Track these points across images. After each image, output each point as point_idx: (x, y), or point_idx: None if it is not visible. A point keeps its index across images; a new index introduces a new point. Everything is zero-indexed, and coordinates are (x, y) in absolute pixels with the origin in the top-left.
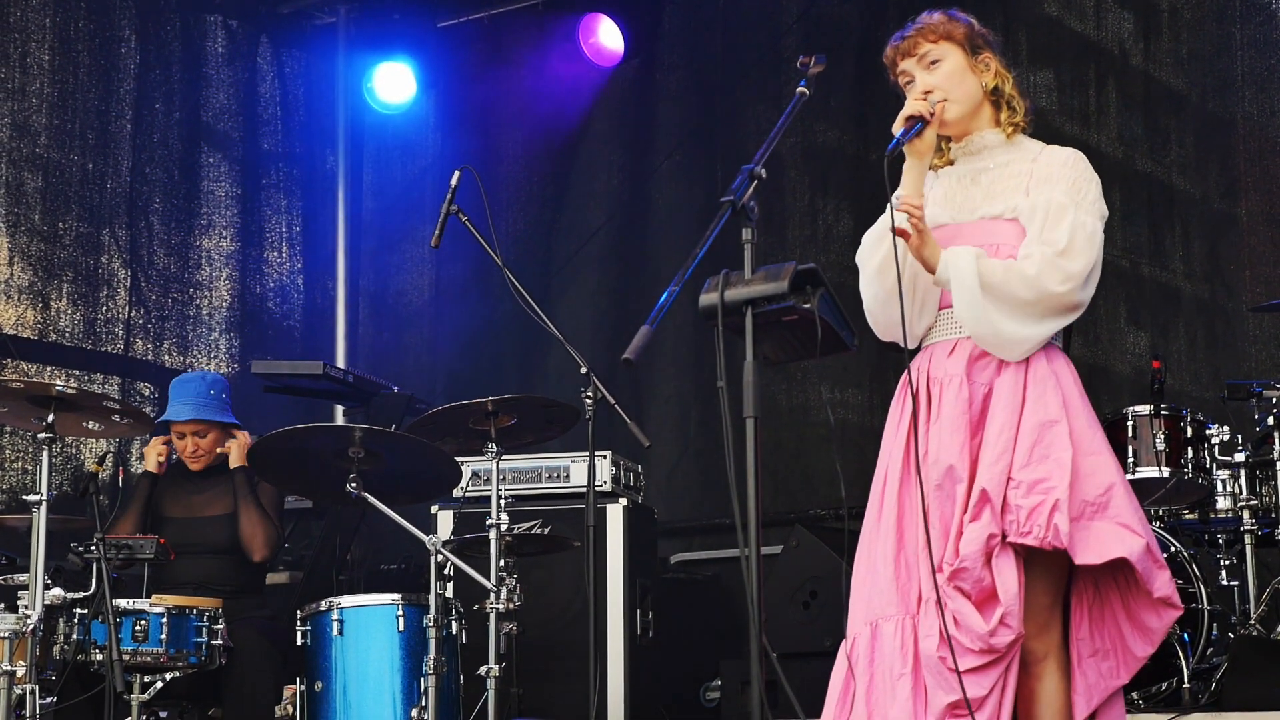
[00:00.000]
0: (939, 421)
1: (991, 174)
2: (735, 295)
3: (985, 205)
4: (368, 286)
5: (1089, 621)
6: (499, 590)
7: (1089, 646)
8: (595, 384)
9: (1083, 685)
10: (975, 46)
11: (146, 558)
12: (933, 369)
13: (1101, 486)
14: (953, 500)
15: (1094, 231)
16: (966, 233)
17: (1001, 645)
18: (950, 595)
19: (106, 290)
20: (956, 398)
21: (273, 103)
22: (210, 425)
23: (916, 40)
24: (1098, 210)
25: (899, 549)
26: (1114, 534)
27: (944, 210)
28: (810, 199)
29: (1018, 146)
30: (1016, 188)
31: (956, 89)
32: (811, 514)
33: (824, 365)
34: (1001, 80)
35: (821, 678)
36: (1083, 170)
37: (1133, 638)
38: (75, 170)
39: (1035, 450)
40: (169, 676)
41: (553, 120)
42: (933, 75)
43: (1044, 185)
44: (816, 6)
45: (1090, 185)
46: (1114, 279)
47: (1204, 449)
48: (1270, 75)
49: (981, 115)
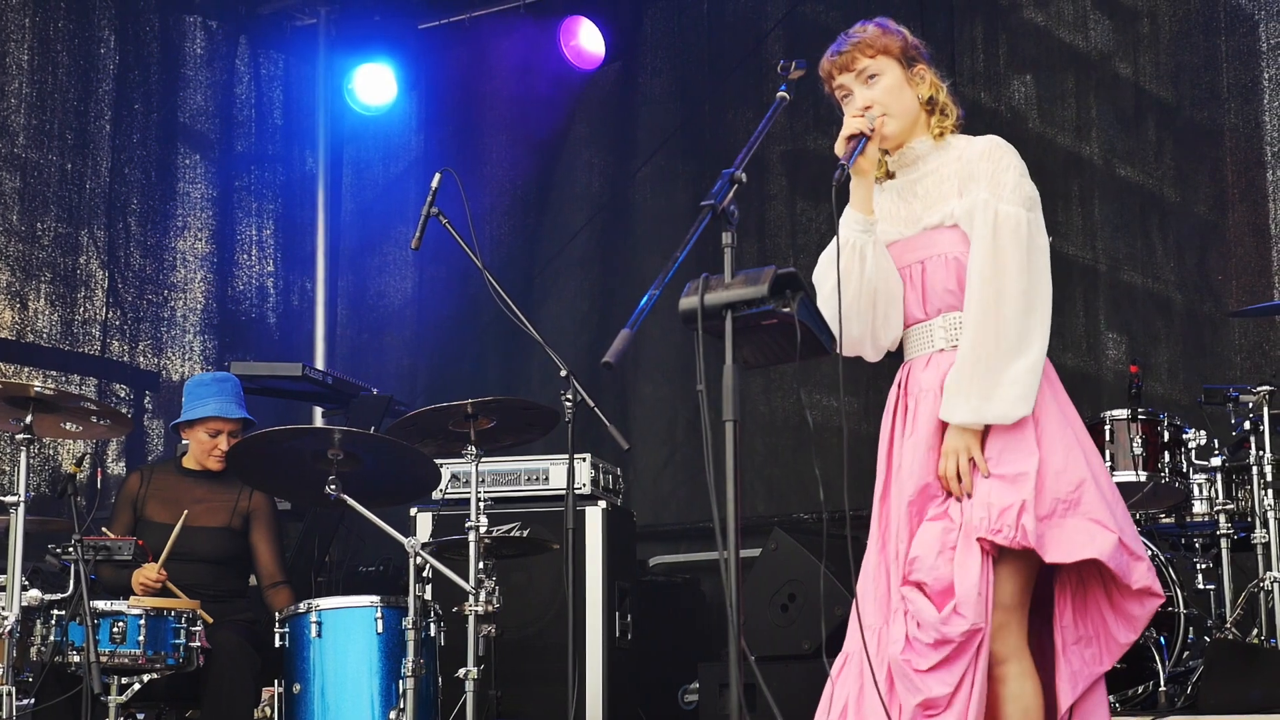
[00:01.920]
0: (914, 436)
1: (926, 183)
2: (715, 299)
3: (926, 215)
4: (347, 288)
5: (1072, 609)
6: (478, 593)
7: (1073, 634)
8: (575, 386)
9: (1067, 672)
10: (911, 59)
11: (124, 559)
12: (910, 383)
13: (1073, 483)
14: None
15: (1018, 220)
16: (914, 244)
17: (954, 634)
18: (910, 598)
19: (84, 291)
20: (931, 411)
21: (251, 104)
22: (241, 425)
23: (854, 55)
24: (1020, 196)
25: (882, 562)
26: (1085, 531)
27: (892, 226)
28: (791, 204)
29: (946, 148)
30: (950, 191)
31: (895, 104)
32: (795, 518)
33: (820, 370)
34: (935, 90)
35: (799, 680)
36: (999, 159)
37: (1116, 625)
38: (54, 170)
39: (1004, 453)
40: (147, 678)
41: (534, 123)
42: (871, 90)
43: (970, 185)
44: (798, 11)
45: (1007, 173)
46: (1093, 283)
47: (1181, 453)
48: (1255, 87)
49: (917, 125)
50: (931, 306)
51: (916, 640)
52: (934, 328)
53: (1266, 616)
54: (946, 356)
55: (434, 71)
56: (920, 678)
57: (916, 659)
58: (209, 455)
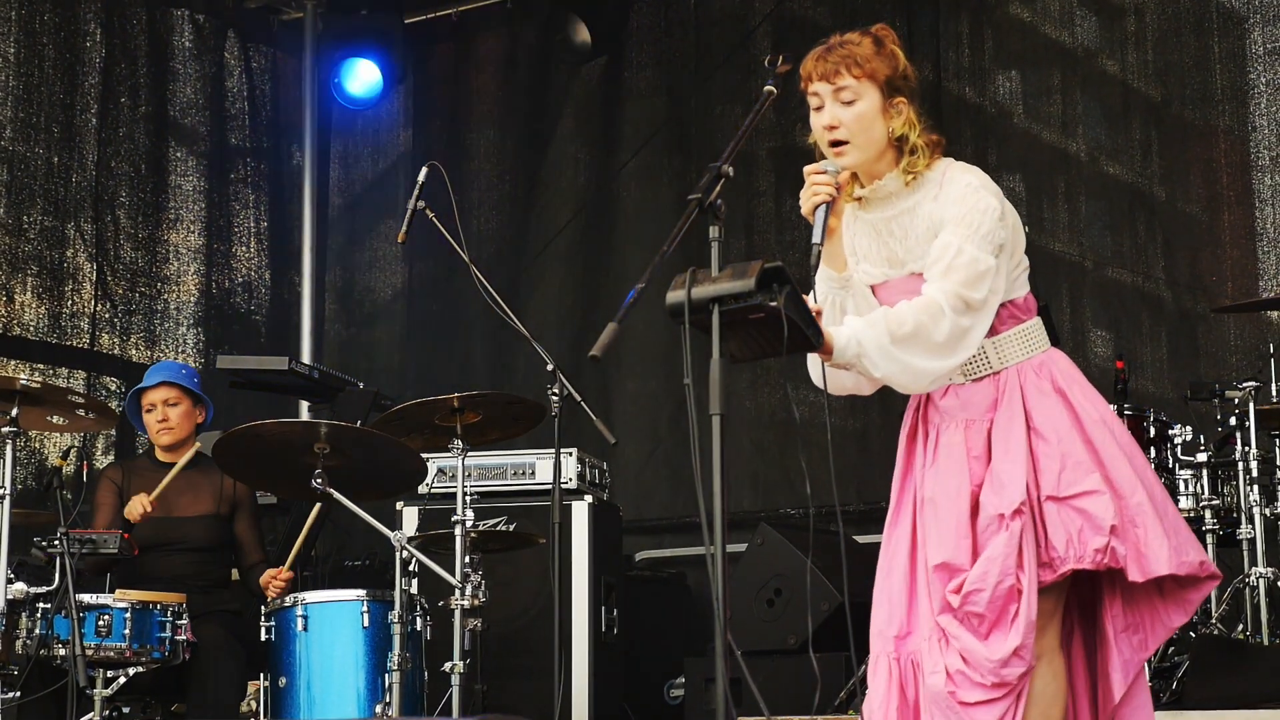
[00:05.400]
0: (935, 466)
1: (903, 222)
2: (702, 293)
3: (910, 260)
4: (334, 282)
5: (1121, 598)
6: (464, 586)
7: (1122, 622)
8: (561, 381)
9: (1119, 661)
10: (893, 89)
11: (110, 553)
12: (929, 410)
13: (1133, 493)
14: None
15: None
16: (902, 287)
17: (1013, 678)
18: (954, 633)
19: (72, 284)
20: (953, 440)
21: (240, 97)
22: (182, 395)
23: (838, 69)
24: (993, 242)
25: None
26: (1156, 543)
27: (875, 267)
28: (779, 199)
29: (919, 187)
30: (928, 234)
31: (862, 134)
32: (781, 513)
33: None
34: (910, 128)
35: (785, 675)
36: (974, 203)
37: (1167, 610)
38: (40, 164)
39: (1064, 473)
40: (132, 671)
41: (520, 117)
42: (844, 111)
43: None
44: (785, 6)
45: (983, 216)
46: (1079, 280)
47: (1167, 449)
48: (1249, 89)
49: (885, 159)
50: None
51: (962, 674)
52: None
53: (1252, 612)
54: (966, 388)
55: (421, 66)
56: (967, 711)
57: (963, 692)
58: (156, 432)
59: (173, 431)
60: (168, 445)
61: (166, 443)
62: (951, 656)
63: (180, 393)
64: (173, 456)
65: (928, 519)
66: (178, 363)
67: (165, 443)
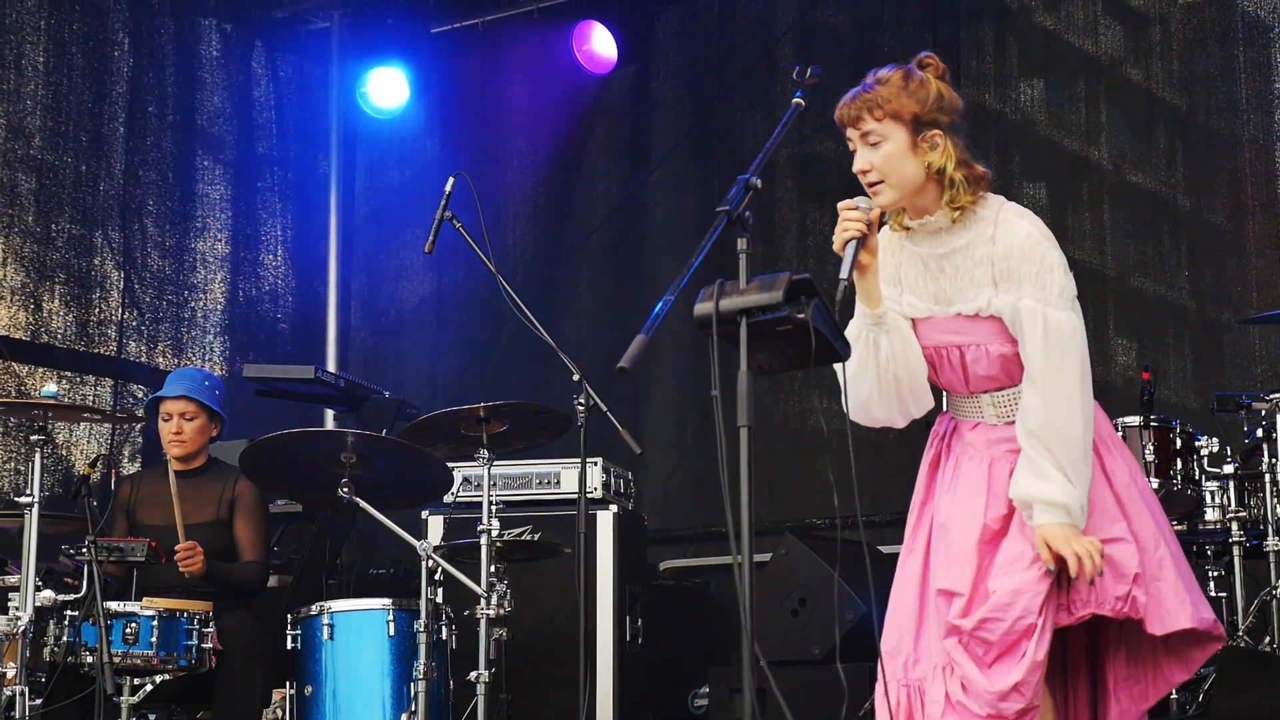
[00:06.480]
0: (953, 493)
1: (954, 261)
2: (730, 305)
3: (959, 300)
4: (360, 291)
5: (1125, 649)
6: (489, 596)
7: (1124, 672)
8: (587, 390)
9: (1116, 711)
10: (922, 124)
11: (138, 560)
12: (954, 438)
13: (1154, 546)
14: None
15: (1073, 327)
16: (947, 325)
17: (1009, 713)
18: (959, 660)
19: (99, 292)
20: (976, 471)
21: (267, 107)
22: (199, 409)
23: (861, 114)
24: (1068, 297)
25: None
26: (1174, 597)
27: (921, 301)
28: (804, 209)
29: (971, 225)
30: (983, 278)
31: (894, 173)
32: (807, 522)
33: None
34: (947, 159)
35: (810, 686)
36: (1040, 257)
37: (1170, 666)
38: (69, 172)
39: (1091, 519)
40: (159, 679)
41: (547, 127)
42: (873, 154)
43: (1009, 281)
44: (808, 16)
45: (1052, 274)
46: (1102, 289)
47: (1193, 460)
48: (1274, 98)
49: (926, 193)
50: (974, 386)
51: (962, 705)
52: (982, 404)
53: (1279, 625)
54: (998, 430)
55: (447, 75)
56: None
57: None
58: (169, 443)
59: (184, 445)
60: (178, 457)
61: (177, 454)
62: (953, 684)
63: (197, 407)
64: (183, 467)
65: (939, 545)
66: (202, 371)
67: (176, 454)
